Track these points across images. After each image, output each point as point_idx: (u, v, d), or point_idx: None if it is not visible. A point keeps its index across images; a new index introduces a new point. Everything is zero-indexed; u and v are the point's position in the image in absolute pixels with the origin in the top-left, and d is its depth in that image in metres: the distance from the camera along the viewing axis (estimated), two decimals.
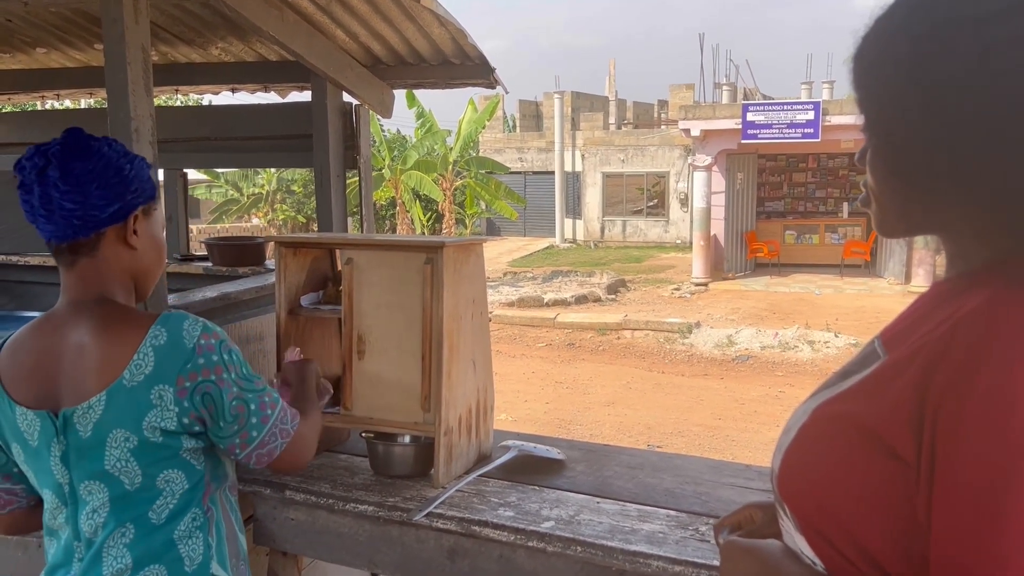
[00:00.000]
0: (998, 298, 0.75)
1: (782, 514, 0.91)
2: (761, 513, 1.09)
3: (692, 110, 16.65)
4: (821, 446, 0.86)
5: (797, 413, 0.92)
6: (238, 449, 1.35)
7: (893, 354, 0.82)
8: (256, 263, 2.60)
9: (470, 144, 20.49)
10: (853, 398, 0.84)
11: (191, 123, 2.71)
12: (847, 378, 0.87)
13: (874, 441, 0.78)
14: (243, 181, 23.50)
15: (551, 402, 8.67)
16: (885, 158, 0.86)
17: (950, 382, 0.72)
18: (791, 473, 0.89)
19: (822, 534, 0.84)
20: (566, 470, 1.93)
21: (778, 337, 11.22)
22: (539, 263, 19.58)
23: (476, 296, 1.94)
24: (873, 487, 0.78)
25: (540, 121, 26.99)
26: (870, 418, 0.79)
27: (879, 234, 0.92)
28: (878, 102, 0.85)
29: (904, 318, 0.90)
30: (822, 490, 0.84)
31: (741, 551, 0.94)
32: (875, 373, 0.83)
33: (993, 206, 0.78)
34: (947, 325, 0.76)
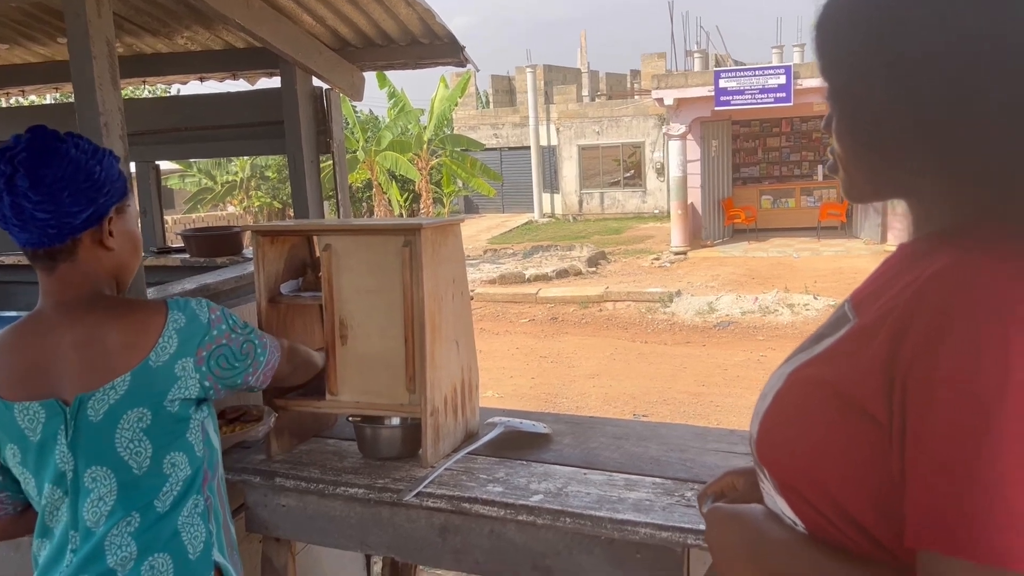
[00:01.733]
0: (961, 261, 0.76)
1: (762, 477, 0.94)
2: (742, 480, 1.12)
3: (664, 79, 16.62)
4: (797, 410, 0.88)
5: (773, 378, 0.94)
6: (251, 377, 1.51)
7: (863, 318, 0.84)
8: (233, 253, 2.59)
9: (444, 122, 20.37)
10: (826, 362, 0.86)
11: (161, 114, 2.69)
12: (820, 341, 0.89)
13: (848, 404, 0.80)
14: (216, 169, 23.25)
15: (536, 377, 8.72)
16: (850, 126, 0.87)
17: (919, 344, 0.74)
18: (769, 437, 0.91)
19: (801, 495, 0.86)
20: (552, 444, 1.95)
21: (758, 302, 11.32)
22: (518, 239, 19.58)
23: (456, 276, 1.96)
24: (848, 448, 0.81)
25: (513, 96, 26.84)
26: (843, 382, 0.81)
27: (847, 200, 0.94)
28: (842, 70, 0.86)
29: (873, 280, 0.91)
30: (799, 453, 0.86)
31: (725, 517, 0.97)
32: (846, 337, 0.85)
33: (956, 172, 0.79)
34: (914, 288, 0.77)
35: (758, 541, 0.91)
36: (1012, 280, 0.73)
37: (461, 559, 1.72)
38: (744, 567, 0.93)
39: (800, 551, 0.86)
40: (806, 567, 0.84)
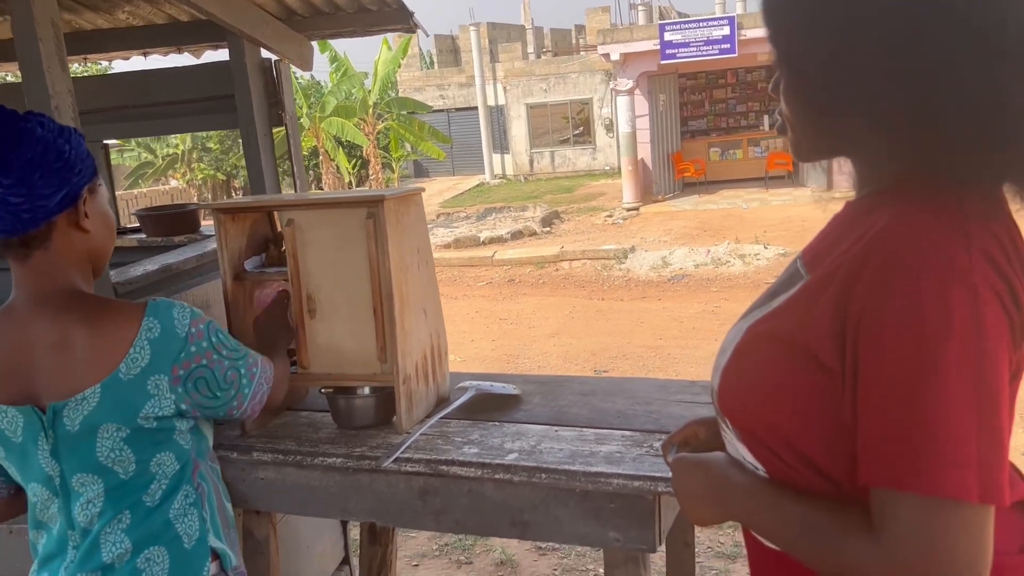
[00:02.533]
0: (904, 216, 0.81)
1: (724, 427, 0.99)
2: (704, 428, 1.18)
3: (609, 34, 16.57)
4: (756, 362, 0.93)
5: (732, 333, 0.99)
6: (235, 410, 1.46)
7: (815, 273, 0.89)
8: (191, 231, 2.57)
9: (388, 85, 20.05)
10: (782, 316, 0.91)
11: (106, 92, 2.62)
12: (775, 297, 0.94)
13: (803, 354, 0.86)
14: (156, 142, 22.63)
15: (497, 339, 8.79)
16: (797, 88, 0.91)
17: (867, 296, 0.79)
18: (730, 389, 0.96)
19: (761, 441, 0.92)
20: (523, 404, 2.00)
21: (710, 254, 11.51)
22: (471, 202, 19.51)
23: (420, 245, 1.98)
24: (805, 396, 0.86)
25: (458, 56, 26.51)
26: (798, 333, 0.87)
27: (796, 159, 0.99)
28: (788, 32, 0.89)
29: (822, 237, 0.96)
30: (759, 402, 0.91)
31: (690, 465, 1.02)
32: (800, 292, 0.90)
33: (900, 131, 0.83)
34: (862, 243, 0.82)
35: (722, 486, 0.96)
36: (950, 233, 0.78)
37: (441, 519, 1.77)
38: (710, 510, 0.99)
39: (762, 493, 0.91)
40: (768, 507, 0.90)
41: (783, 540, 0.90)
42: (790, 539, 0.88)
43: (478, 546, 3.54)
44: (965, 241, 0.78)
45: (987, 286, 0.77)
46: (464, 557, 3.48)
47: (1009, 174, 0.83)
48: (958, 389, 0.75)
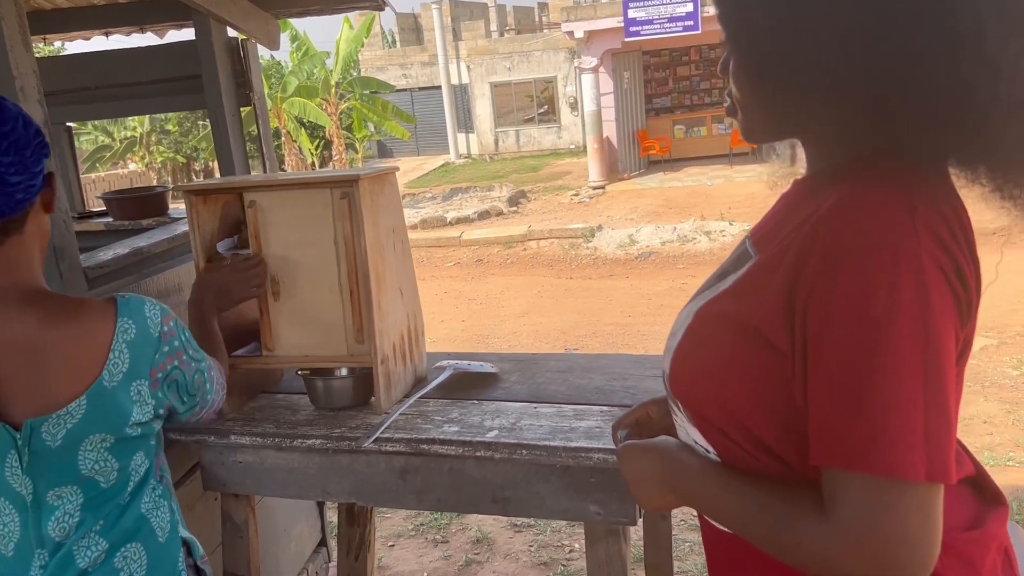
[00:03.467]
0: (853, 195, 0.81)
1: (675, 410, 0.99)
2: (656, 408, 1.18)
3: (573, 11, 16.51)
4: (706, 344, 0.93)
5: (682, 316, 0.99)
6: (201, 414, 1.44)
7: (763, 254, 0.89)
8: (159, 214, 2.53)
9: (351, 64, 19.81)
10: (731, 298, 0.91)
11: (68, 73, 2.56)
12: (724, 278, 0.94)
13: (753, 336, 0.86)
14: (113, 125, 22.14)
15: (467, 319, 8.79)
16: (747, 69, 0.91)
17: (816, 274, 0.79)
18: (681, 372, 0.96)
19: (713, 424, 0.92)
20: (501, 382, 2.02)
21: (676, 231, 11.60)
22: (436, 182, 19.41)
23: (395, 225, 1.97)
24: (755, 377, 0.86)
25: (421, 34, 26.24)
26: (747, 314, 0.87)
27: (746, 141, 0.99)
28: (739, 11, 0.89)
29: (771, 217, 0.97)
30: (711, 384, 0.91)
31: (639, 450, 1.02)
32: (749, 273, 0.90)
33: (852, 110, 0.83)
34: (810, 224, 0.82)
35: (673, 470, 0.96)
36: (898, 211, 0.78)
37: (423, 498, 1.78)
38: (662, 496, 0.99)
39: (713, 476, 0.92)
40: (719, 490, 0.90)
41: (736, 523, 0.90)
42: (743, 522, 0.88)
43: (454, 524, 3.56)
44: (912, 220, 0.78)
45: (934, 264, 0.77)
46: (440, 536, 3.50)
47: (958, 153, 0.83)
48: (905, 369, 0.75)
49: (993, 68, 0.76)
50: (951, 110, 0.78)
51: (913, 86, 0.78)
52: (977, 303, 0.84)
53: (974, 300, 0.83)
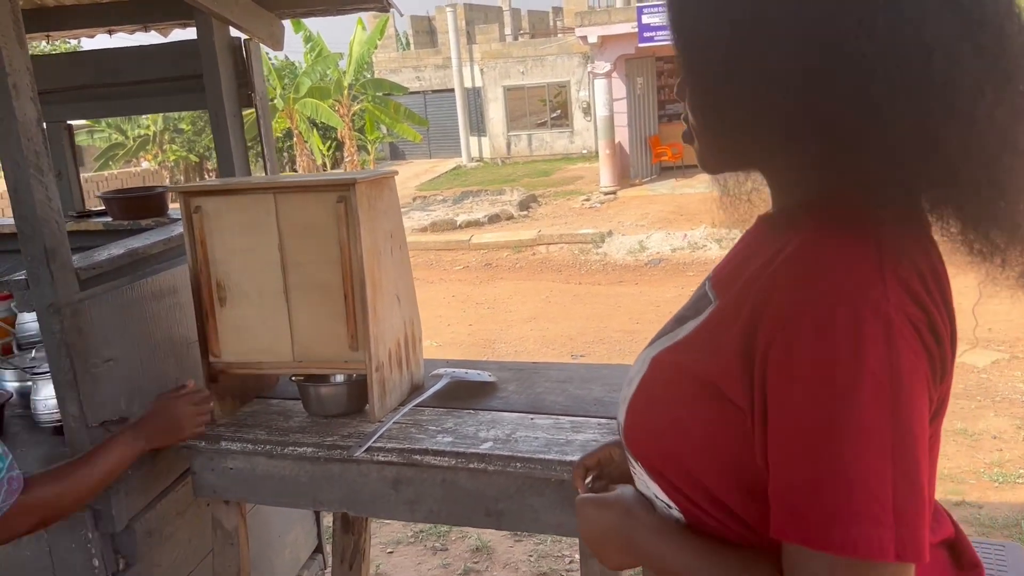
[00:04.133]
0: (813, 243, 0.75)
1: (633, 464, 0.92)
2: (619, 450, 1.10)
3: (587, 16, 16.49)
4: (661, 396, 0.86)
5: (638, 362, 0.93)
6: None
7: (722, 300, 0.83)
8: (159, 214, 2.50)
9: (364, 66, 19.86)
10: (688, 348, 0.85)
11: (70, 71, 2.54)
12: (682, 324, 0.88)
13: (709, 389, 0.79)
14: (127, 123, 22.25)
15: (474, 324, 8.76)
16: (701, 96, 0.84)
17: (774, 331, 0.72)
18: (635, 424, 0.90)
19: (670, 481, 0.85)
20: (498, 391, 1.98)
21: (687, 238, 11.54)
22: (448, 185, 19.40)
23: (393, 230, 1.94)
24: (712, 434, 0.80)
25: (435, 37, 26.27)
26: (704, 368, 0.80)
27: (703, 170, 0.91)
28: (691, 39, 0.82)
29: (731, 257, 0.91)
30: (666, 439, 0.85)
31: (595, 505, 0.94)
32: (707, 321, 0.84)
33: (811, 148, 0.75)
34: (768, 271, 0.76)
35: (631, 527, 0.89)
36: (862, 262, 0.72)
37: (415, 509, 1.74)
38: (620, 554, 0.92)
39: (668, 535, 0.85)
40: (675, 554, 0.84)
41: None
42: None
43: (453, 532, 3.52)
44: (879, 268, 0.71)
45: (903, 318, 0.70)
46: (439, 544, 3.47)
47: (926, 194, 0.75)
48: (872, 436, 0.68)
49: (965, 119, 0.69)
50: (917, 157, 0.71)
51: (875, 133, 0.71)
52: (952, 359, 0.78)
53: (949, 356, 0.76)
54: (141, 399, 1.93)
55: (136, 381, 1.92)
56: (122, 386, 1.88)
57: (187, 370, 2.08)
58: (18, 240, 1.72)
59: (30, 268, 1.71)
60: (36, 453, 1.91)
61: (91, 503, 1.76)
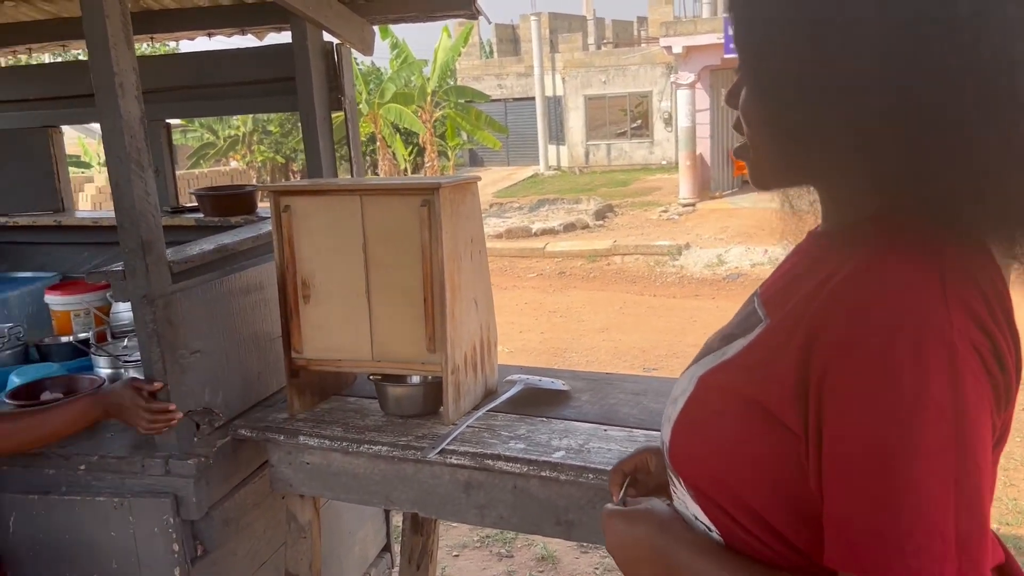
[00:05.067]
0: (875, 259, 0.72)
1: (675, 483, 0.89)
2: (656, 459, 1.07)
3: (673, 26, 16.34)
4: (709, 417, 0.84)
5: (683, 380, 0.90)
6: None
7: (774, 319, 0.80)
8: (248, 212, 2.58)
9: (447, 73, 20.10)
10: (738, 368, 0.82)
11: (170, 72, 2.65)
12: (730, 343, 0.85)
13: (761, 412, 0.77)
14: (218, 124, 23.06)
15: (546, 331, 8.75)
16: (763, 105, 0.80)
17: (831, 355, 0.70)
18: (681, 445, 0.87)
19: (716, 503, 0.82)
20: (572, 400, 1.97)
21: (768, 254, 11.29)
22: (524, 192, 19.46)
23: (474, 235, 1.95)
24: (763, 457, 0.77)
25: (518, 45, 26.45)
26: (756, 390, 0.78)
27: (753, 185, 0.87)
28: (758, 38, 0.78)
29: (782, 274, 0.87)
30: (713, 461, 0.82)
31: (626, 519, 0.90)
32: (758, 342, 0.81)
33: (886, 162, 0.72)
34: (826, 290, 0.73)
35: (667, 544, 0.86)
36: (925, 285, 0.69)
37: (485, 514, 1.74)
38: (650, 570, 0.88)
39: (713, 556, 0.82)
40: (716, 570, 0.81)
41: None
42: None
43: (519, 540, 3.52)
44: (942, 291, 0.68)
45: (967, 344, 0.67)
46: (505, 550, 3.47)
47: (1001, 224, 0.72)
48: (935, 465, 0.65)
49: None
50: (1000, 174, 0.68)
51: (959, 149, 0.67)
52: (1017, 385, 0.74)
53: (1013, 384, 0.72)
54: (224, 391, 1.99)
55: (220, 373, 1.98)
56: (207, 377, 1.94)
57: (269, 364, 2.14)
58: (117, 232, 1.79)
59: (127, 260, 1.78)
60: (124, 439, 1.99)
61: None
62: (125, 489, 1.88)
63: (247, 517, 2.04)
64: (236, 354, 2.04)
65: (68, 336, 2.59)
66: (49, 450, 1.93)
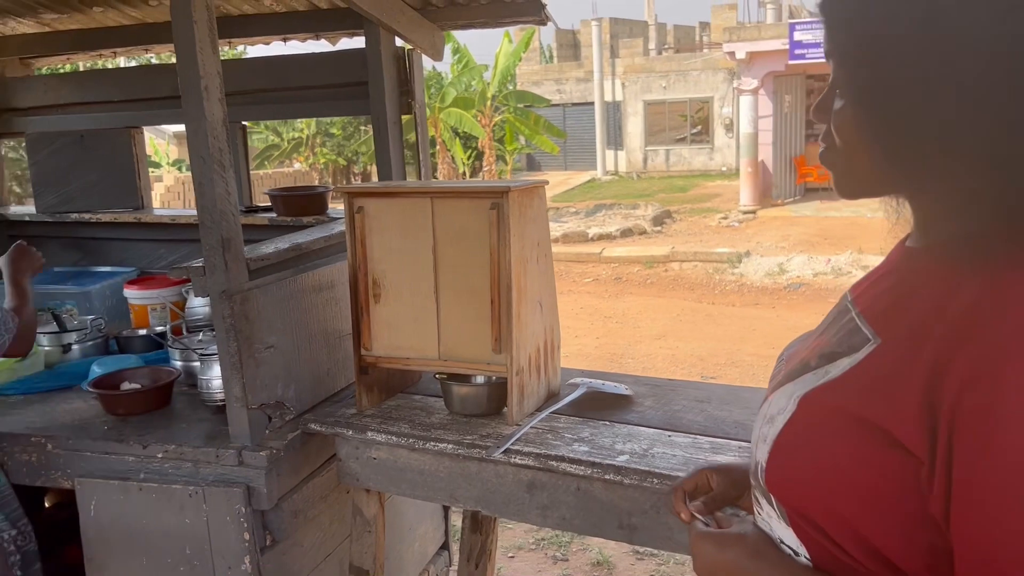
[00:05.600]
0: (1005, 284, 0.69)
1: (764, 504, 0.86)
2: (717, 477, 1.05)
3: (736, 31, 16.15)
4: (816, 438, 0.80)
5: (779, 398, 0.86)
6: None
7: (886, 338, 0.77)
8: (319, 212, 2.65)
9: (508, 78, 20.20)
10: (848, 389, 0.78)
11: (247, 75, 2.74)
12: (832, 361, 0.82)
13: (878, 434, 0.74)
14: (283, 126, 23.59)
15: (601, 337, 8.73)
16: (863, 114, 0.76)
17: (968, 379, 0.67)
18: (781, 466, 0.83)
19: (816, 526, 0.79)
20: (634, 405, 1.97)
21: (831, 263, 11.07)
22: (581, 197, 19.44)
23: (540, 239, 1.97)
24: (877, 480, 0.74)
25: (578, 50, 26.43)
26: (872, 412, 0.74)
27: (840, 195, 0.84)
28: (860, 50, 0.75)
29: (883, 290, 0.83)
30: (819, 484, 0.79)
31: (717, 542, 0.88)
32: (871, 362, 0.77)
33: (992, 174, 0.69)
34: (951, 316, 0.70)
35: (757, 571, 0.84)
36: None
37: (547, 515, 1.76)
38: None
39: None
40: None
41: None
42: None
43: (575, 543, 3.52)
44: None
45: None
46: (560, 553, 3.47)
47: None
48: None
49: None
50: None
51: None
52: None
53: None
54: (296, 386, 2.04)
55: (292, 368, 2.04)
56: (280, 371, 2.00)
57: (337, 361, 2.19)
58: (192, 230, 1.86)
59: (207, 256, 1.85)
60: (199, 429, 2.06)
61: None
62: (200, 478, 1.95)
63: (314, 509, 2.09)
64: (307, 350, 2.09)
65: (145, 329, 2.70)
66: (128, 439, 2.01)
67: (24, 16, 2.93)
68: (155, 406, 2.19)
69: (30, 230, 3.28)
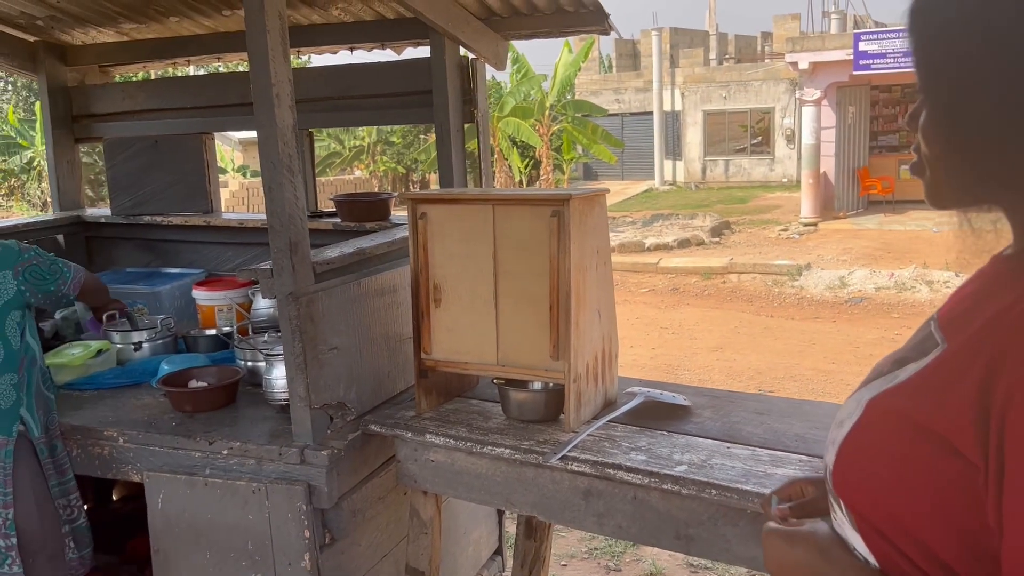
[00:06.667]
0: None
1: (836, 508, 0.86)
2: (812, 487, 1.04)
3: (799, 42, 15.89)
4: (879, 443, 0.80)
5: (850, 403, 0.87)
6: (64, 286, 2.24)
7: (952, 343, 0.77)
8: (382, 218, 2.70)
9: (566, 87, 20.22)
10: (912, 394, 0.78)
11: (314, 83, 2.81)
12: (903, 366, 0.82)
13: (937, 441, 0.73)
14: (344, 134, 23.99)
15: (657, 347, 8.65)
16: (947, 125, 0.77)
17: (1016, 383, 0.66)
18: (847, 470, 0.83)
19: (880, 532, 0.79)
20: (693, 416, 1.96)
21: (894, 277, 10.78)
22: (638, 207, 19.31)
23: (600, 247, 1.97)
24: (938, 487, 0.74)
25: (637, 60, 26.34)
26: (931, 417, 0.74)
27: (931, 206, 0.84)
28: (942, 54, 0.75)
29: (964, 297, 0.83)
30: (880, 489, 0.79)
31: (786, 539, 0.88)
32: (935, 366, 0.77)
33: None
34: (1010, 317, 0.70)
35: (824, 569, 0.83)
36: None
37: (603, 522, 1.76)
38: None
39: None
40: None
41: None
42: None
43: (628, 554, 3.50)
44: None
45: None
46: (613, 563, 3.45)
47: None
48: None
49: None
50: None
51: None
52: None
53: None
54: (357, 387, 2.08)
55: (354, 370, 2.08)
56: (342, 373, 2.04)
57: (397, 364, 2.23)
58: (259, 234, 1.92)
59: (276, 259, 1.90)
60: (263, 427, 2.11)
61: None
62: (263, 475, 2.00)
63: (372, 510, 2.13)
64: (369, 352, 2.13)
65: (212, 329, 2.78)
66: (195, 435, 2.07)
67: (104, 25, 3.06)
68: (221, 404, 2.25)
69: (105, 231, 3.41)
